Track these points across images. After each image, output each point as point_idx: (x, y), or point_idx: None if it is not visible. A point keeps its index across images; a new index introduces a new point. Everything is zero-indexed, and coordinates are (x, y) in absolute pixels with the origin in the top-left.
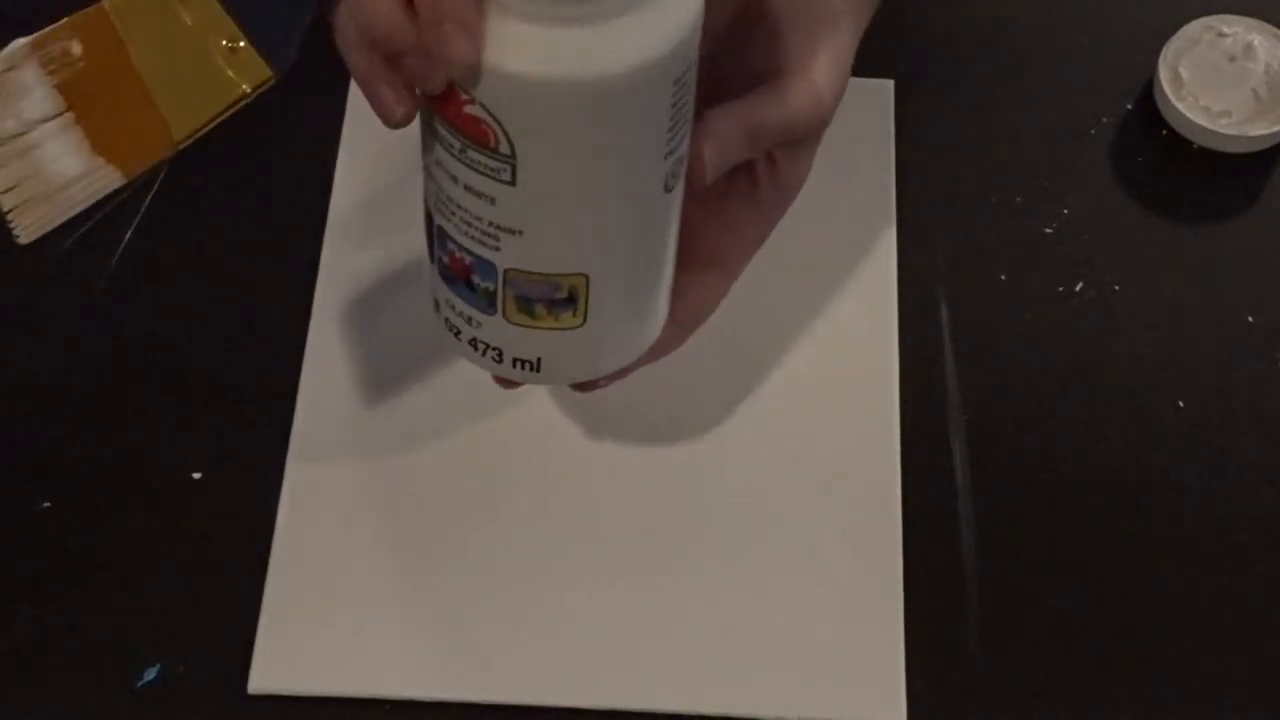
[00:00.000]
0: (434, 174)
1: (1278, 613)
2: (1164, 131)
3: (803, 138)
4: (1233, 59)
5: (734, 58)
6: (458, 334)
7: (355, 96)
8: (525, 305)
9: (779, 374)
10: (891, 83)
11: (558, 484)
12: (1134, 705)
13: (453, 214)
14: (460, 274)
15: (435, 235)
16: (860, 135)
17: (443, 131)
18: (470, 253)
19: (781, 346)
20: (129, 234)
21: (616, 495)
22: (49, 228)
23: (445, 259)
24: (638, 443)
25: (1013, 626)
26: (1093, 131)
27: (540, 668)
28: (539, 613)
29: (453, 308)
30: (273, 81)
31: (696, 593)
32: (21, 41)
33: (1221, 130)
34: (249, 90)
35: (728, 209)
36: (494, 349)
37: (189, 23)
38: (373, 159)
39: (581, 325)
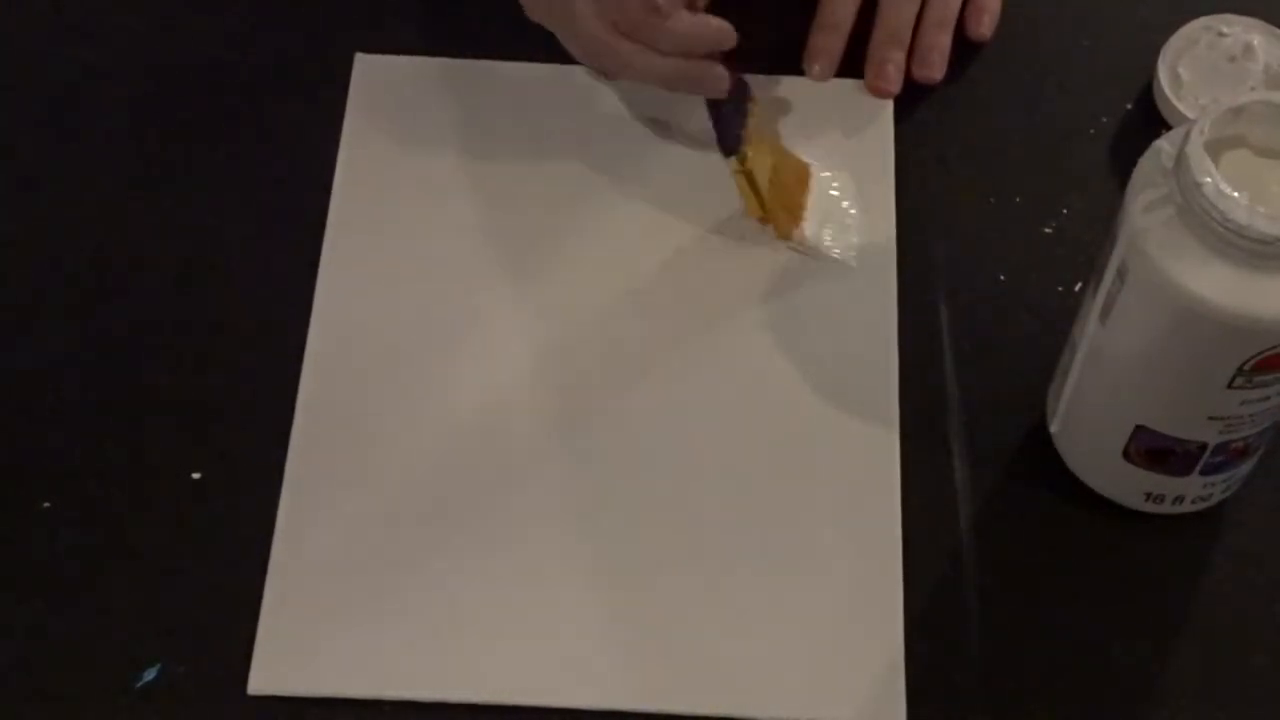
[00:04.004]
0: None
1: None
2: (1164, 131)
3: None
4: (1232, 59)
5: None
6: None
7: (355, 97)
8: None
9: (778, 374)
10: None
11: (557, 484)
12: (1134, 706)
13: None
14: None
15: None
16: (860, 135)
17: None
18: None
19: (781, 346)
20: (129, 234)
21: (616, 496)
22: None
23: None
24: (636, 444)
25: (1013, 627)
26: (1092, 131)
27: (540, 668)
28: (539, 613)
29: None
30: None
31: (696, 594)
32: None
33: None
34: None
35: None
36: None
37: None
38: (373, 159)
39: None
